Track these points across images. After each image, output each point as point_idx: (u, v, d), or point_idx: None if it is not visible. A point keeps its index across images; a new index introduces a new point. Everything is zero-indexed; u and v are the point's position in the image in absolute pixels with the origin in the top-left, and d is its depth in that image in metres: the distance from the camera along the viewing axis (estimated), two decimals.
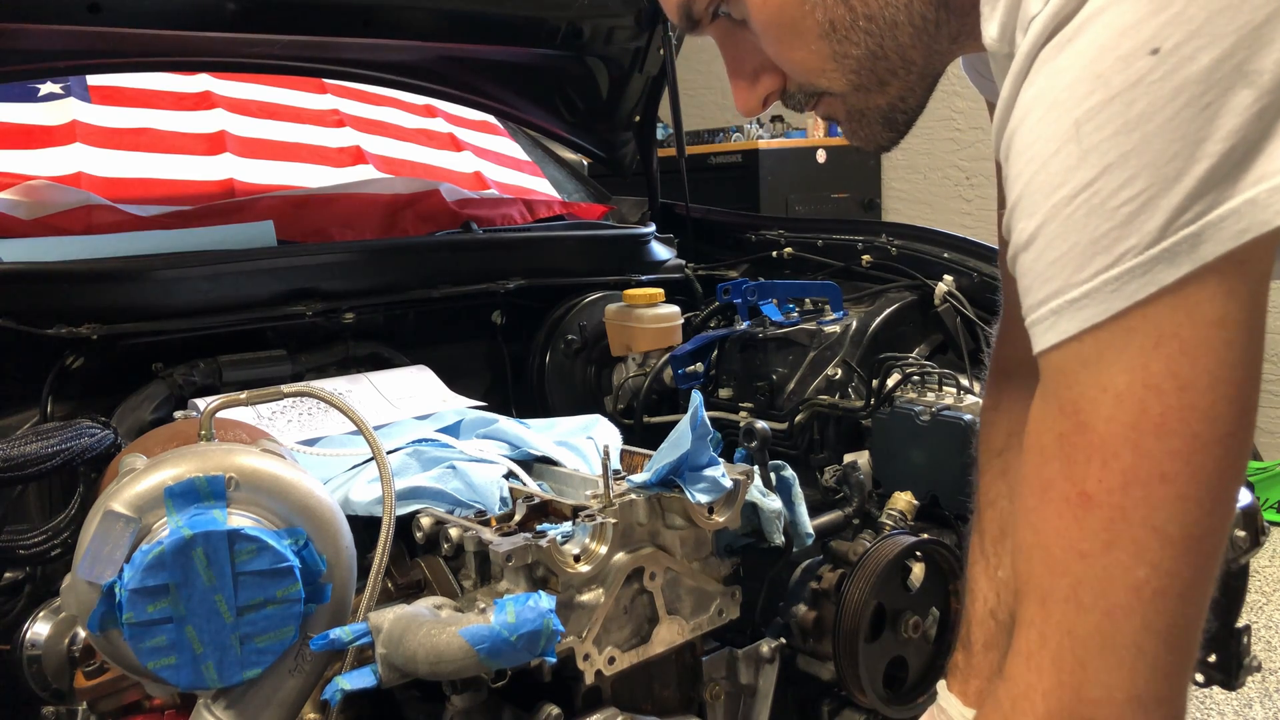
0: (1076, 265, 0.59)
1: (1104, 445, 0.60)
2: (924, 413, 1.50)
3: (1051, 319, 0.61)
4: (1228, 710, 2.86)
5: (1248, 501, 1.44)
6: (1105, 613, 0.62)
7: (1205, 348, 0.57)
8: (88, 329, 1.43)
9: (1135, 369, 0.58)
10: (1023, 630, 0.67)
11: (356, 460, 1.30)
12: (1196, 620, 0.63)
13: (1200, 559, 0.61)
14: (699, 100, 6.19)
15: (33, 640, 1.10)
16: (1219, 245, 0.55)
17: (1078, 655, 0.63)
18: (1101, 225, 0.57)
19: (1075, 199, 0.58)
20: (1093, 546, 0.62)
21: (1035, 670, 0.66)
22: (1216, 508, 0.60)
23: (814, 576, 1.34)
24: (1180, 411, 0.58)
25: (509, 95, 2.36)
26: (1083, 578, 0.62)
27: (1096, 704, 0.63)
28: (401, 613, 0.93)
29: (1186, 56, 0.54)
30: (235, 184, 2.08)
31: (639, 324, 1.87)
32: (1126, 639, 0.62)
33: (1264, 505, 4.11)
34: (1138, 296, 0.57)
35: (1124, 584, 0.61)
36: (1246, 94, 0.54)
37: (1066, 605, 0.64)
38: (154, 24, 1.76)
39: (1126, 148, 0.56)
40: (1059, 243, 0.59)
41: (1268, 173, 0.54)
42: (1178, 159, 0.55)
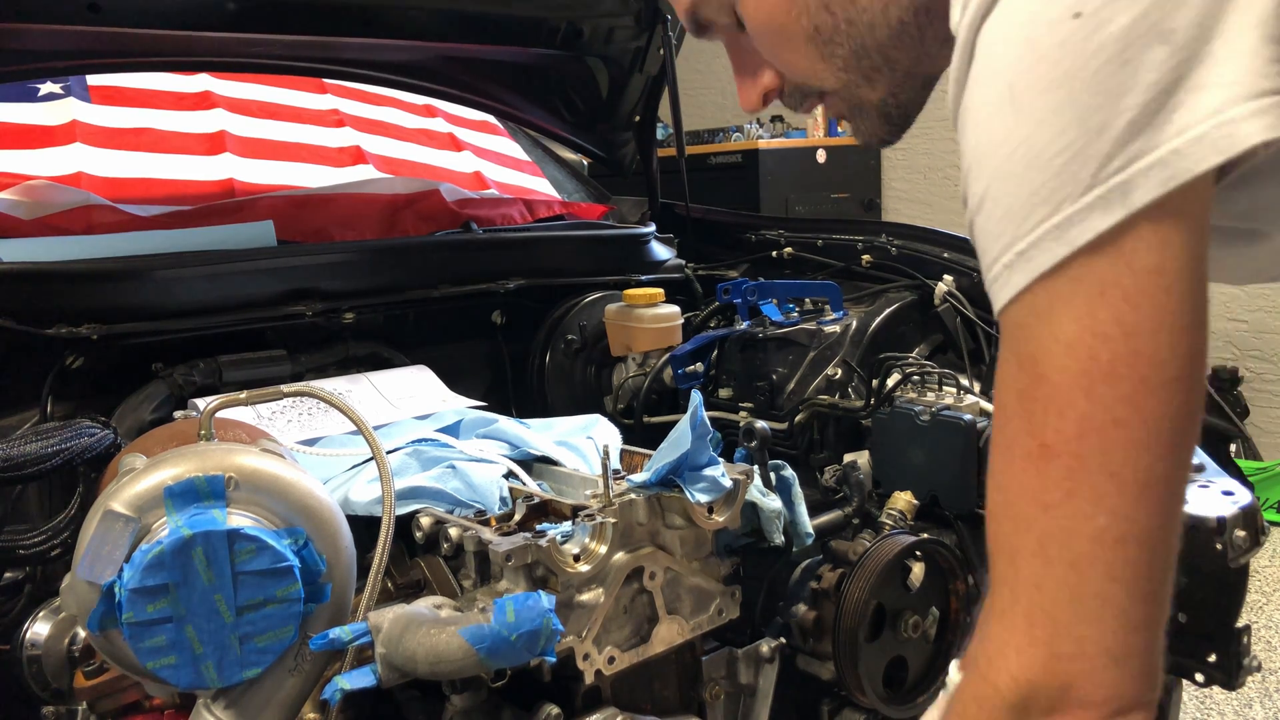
0: (1021, 218, 0.62)
1: (1059, 395, 0.62)
2: (924, 413, 1.50)
3: (1005, 274, 0.64)
4: (1228, 710, 2.86)
5: (1248, 501, 1.44)
6: (1070, 564, 0.63)
7: (1145, 295, 0.60)
8: (88, 329, 1.43)
9: (1083, 317, 0.61)
10: (995, 589, 0.68)
11: (356, 460, 1.31)
12: (1162, 571, 0.64)
13: (1158, 505, 0.62)
14: (699, 100, 6.19)
15: (33, 640, 1.10)
16: (1148, 192, 0.58)
17: (1047, 610, 0.64)
18: (1039, 177, 0.61)
19: (1014, 156, 0.62)
20: (1054, 497, 0.63)
21: (1008, 627, 0.66)
22: (1170, 453, 0.62)
23: (814, 576, 1.34)
24: (1127, 357, 0.60)
25: (509, 95, 2.36)
26: (1047, 530, 0.64)
27: (1069, 658, 0.64)
28: (401, 612, 0.93)
29: (1106, 18, 0.58)
30: (235, 184, 2.08)
31: (639, 324, 1.87)
32: (1092, 589, 0.63)
33: (1264, 505, 4.11)
34: (1079, 242, 0.60)
35: (1086, 533, 0.62)
36: (1162, 50, 0.57)
37: (1034, 560, 0.65)
38: (154, 24, 1.76)
39: (1055, 103, 0.60)
40: (1004, 199, 0.63)
41: (1189, 124, 0.57)
42: (1102, 111, 0.58)
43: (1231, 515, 1.41)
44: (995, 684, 0.67)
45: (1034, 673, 0.65)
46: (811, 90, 0.86)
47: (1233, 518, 1.41)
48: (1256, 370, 4.68)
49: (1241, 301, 4.63)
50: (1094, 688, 0.64)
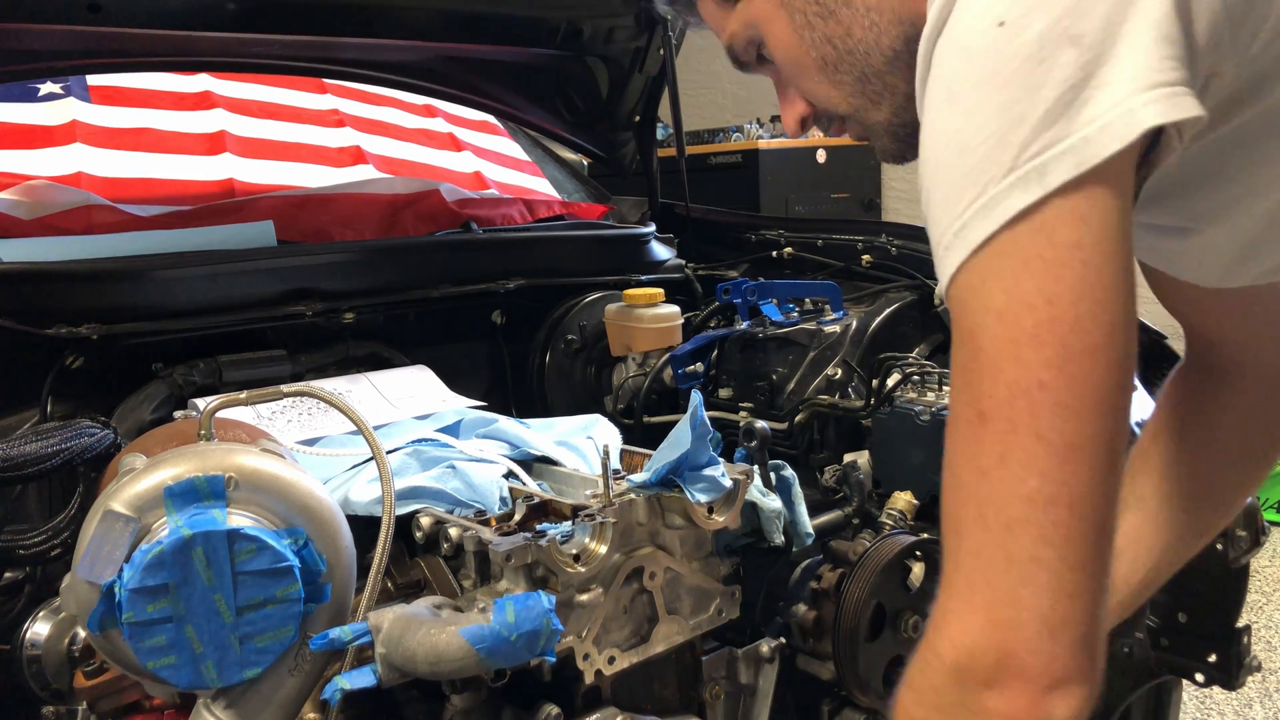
0: (955, 201, 0.68)
1: (991, 362, 0.67)
2: (924, 413, 1.50)
3: (945, 256, 0.69)
4: (1228, 710, 2.86)
5: (1248, 501, 1.44)
6: (1005, 527, 0.66)
7: (1065, 267, 0.65)
8: (88, 329, 1.43)
9: (1010, 288, 0.66)
10: (945, 560, 0.71)
11: (356, 460, 1.30)
12: (1095, 537, 0.66)
13: (1087, 468, 0.66)
14: (699, 100, 6.19)
15: (33, 640, 1.10)
16: (1062, 173, 0.64)
17: (985, 575, 0.67)
18: (968, 163, 0.67)
19: (949, 146, 0.69)
20: (989, 462, 0.67)
21: (954, 595, 0.69)
22: (1095, 417, 0.65)
23: (814, 576, 1.34)
24: (1049, 324, 0.65)
25: (509, 95, 2.36)
26: (985, 496, 0.68)
27: (1006, 625, 0.66)
28: (401, 612, 0.93)
29: (1025, 25, 0.65)
30: (235, 184, 2.08)
31: (639, 324, 1.87)
32: (1025, 552, 0.66)
33: (1264, 505, 4.11)
34: (1002, 219, 0.65)
35: (1018, 496, 0.66)
36: (1072, 51, 0.64)
37: (974, 527, 0.68)
38: (154, 24, 1.76)
39: (981, 98, 0.67)
40: (943, 185, 0.69)
41: (1096, 115, 0.64)
42: (1021, 104, 0.65)
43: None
44: (937, 650, 0.70)
45: (972, 639, 0.67)
46: (834, 115, 0.95)
47: (1233, 518, 1.41)
48: None
49: None
50: (1030, 657, 0.65)
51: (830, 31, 0.87)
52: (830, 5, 0.87)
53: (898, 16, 0.85)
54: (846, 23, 0.86)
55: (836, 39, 0.87)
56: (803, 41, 0.89)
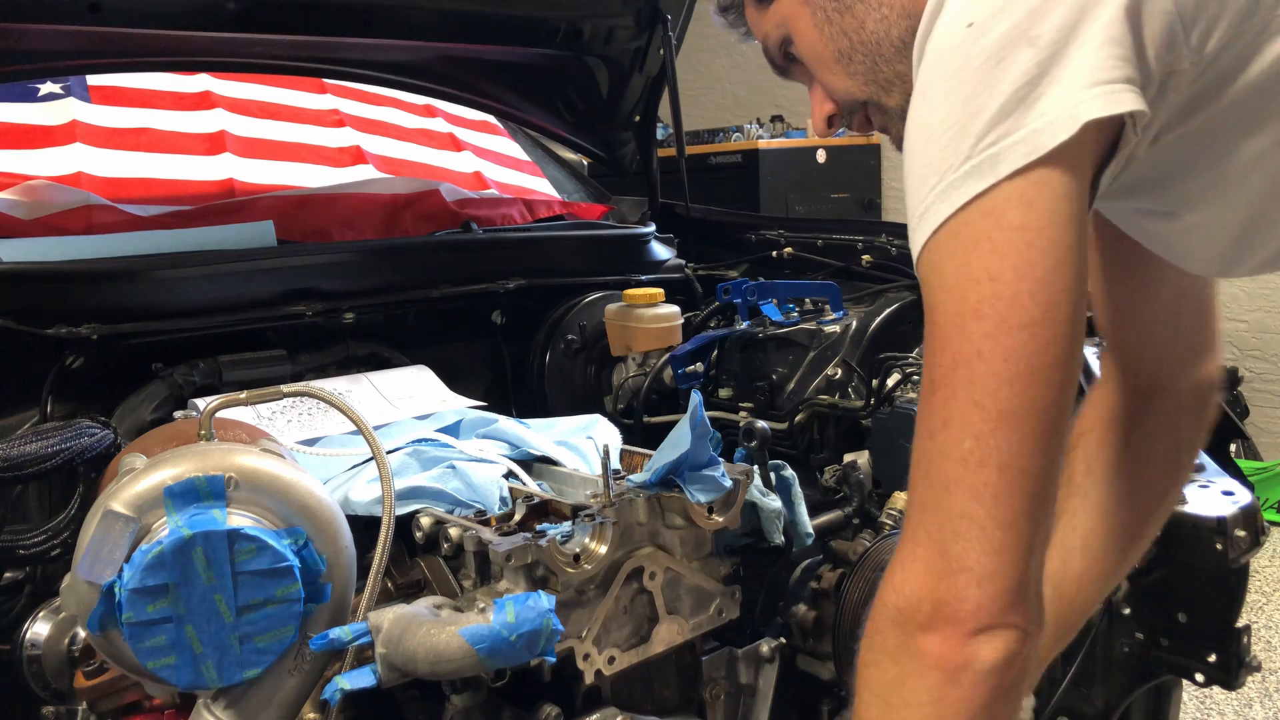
0: (921, 186, 0.74)
1: (942, 334, 0.73)
2: None
3: (912, 236, 0.75)
4: (1228, 710, 2.86)
5: (1248, 501, 1.44)
6: (943, 485, 0.73)
7: (1010, 247, 0.71)
8: (88, 329, 1.43)
9: (960, 266, 0.72)
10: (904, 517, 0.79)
11: (356, 460, 1.30)
12: (1021, 499, 0.72)
13: (1017, 434, 0.71)
14: (699, 100, 6.19)
15: (33, 640, 1.10)
16: (1012, 163, 0.70)
17: (926, 529, 0.74)
18: (932, 151, 0.74)
19: (918, 137, 0.76)
20: (935, 425, 0.74)
21: (903, 546, 0.77)
22: (1026, 387, 0.71)
23: (814, 576, 1.34)
24: (990, 300, 0.71)
25: (509, 95, 2.36)
26: (929, 456, 0.74)
27: (938, 574, 0.73)
28: (401, 612, 0.93)
29: (989, 27, 0.72)
30: (235, 184, 2.08)
31: (639, 324, 1.87)
32: (957, 509, 0.72)
33: (1264, 505, 4.11)
34: (957, 204, 0.71)
35: (955, 456, 0.72)
36: (1029, 51, 0.70)
37: (921, 484, 0.75)
38: (154, 24, 1.76)
39: (946, 91, 0.74)
40: (914, 172, 0.75)
41: (1046, 109, 0.70)
42: (979, 97, 0.71)
43: (1231, 515, 1.41)
44: (884, 597, 0.78)
45: (911, 586, 0.75)
46: (855, 106, 1.01)
47: (1233, 518, 1.41)
48: (1256, 370, 4.68)
49: (1241, 302, 4.63)
50: (958, 605, 0.72)
51: (846, 25, 0.95)
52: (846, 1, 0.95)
53: (905, 11, 0.92)
54: (860, 16, 0.94)
55: (851, 31, 0.95)
56: (822, 35, 0.97)
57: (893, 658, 0.76)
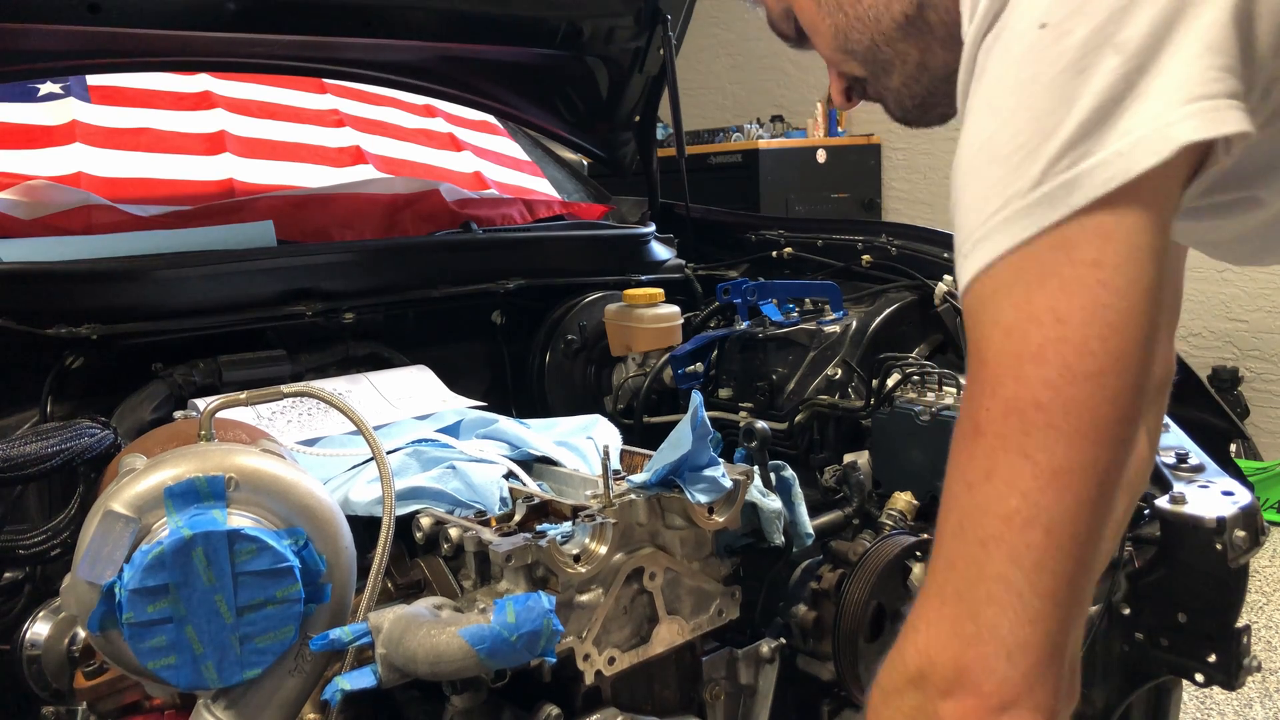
0: (979, 209, 0.66)
1: (993, 376, 0.65)
2: (924, 413, 1.50)
3: (962, 264, 0.68)
4: (1228, 710, 2.86)
5: (1248, 501, 1.44)
6: (979, 543, 0.65)
7: (1081, 286, 0.62)
8: (88, 329, 1.43)
9: (1021, 304, 0.64)
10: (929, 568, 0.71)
11: (356, 460, 1.30)
12: (1070, 567, 0.64)
13: (1070, 496, 0.63)
14: (699, 100, 6.19)
15: (33, 640, 1.10)
16: (1091, 191, 0.62)
17: (955, 587, 0.67)
18: (996, 172, 0.65)
19: (980, 153, 0.67)
20: (976, 476, 0.66)
21: (926, 602, 0.69)
22: (1087, 445, 0.63)
23: (814, 576, 1.34)
24: (1055, 343, 0.63)
25: (509, 95, 2.36)
26: (966, 509, 0.67)
27: (965, 640, 0.66)
28: (401, 613, 0.93)
29: (1067, 29, 0.63)
30: (235, 184, 2.08)
31: (639, 324, 1.87)
32: (995, 570, 0.64)
33: (1264, 505, 4.11)
34: (1022, 236, 0.63)
35: (997, 513, 0.65)
36: (1114, 59, 0.62)
37: (953, 539, 0.68)
38: (154, 24, 1.76)
39: (1016, 105, 0.65)
40: (971, 192, 0.67)
41: (1132, 128, 0.61)
42: (1055, 113, 0.63)
43: (1231, 515, 1.41)
44: (904, 654, 0.70)
45: (935, 649, 0.67)
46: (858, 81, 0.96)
47: (1233, 518, 1.41)
48: (1256, 370, 4.68)
49: (1241, 302, 4.63)
50: (984, 675, 0.65)
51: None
52: None
53: None
54: None
55: (847, 5, 0.89)
56: (820, 8, 0.91)
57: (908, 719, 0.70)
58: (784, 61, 5.84)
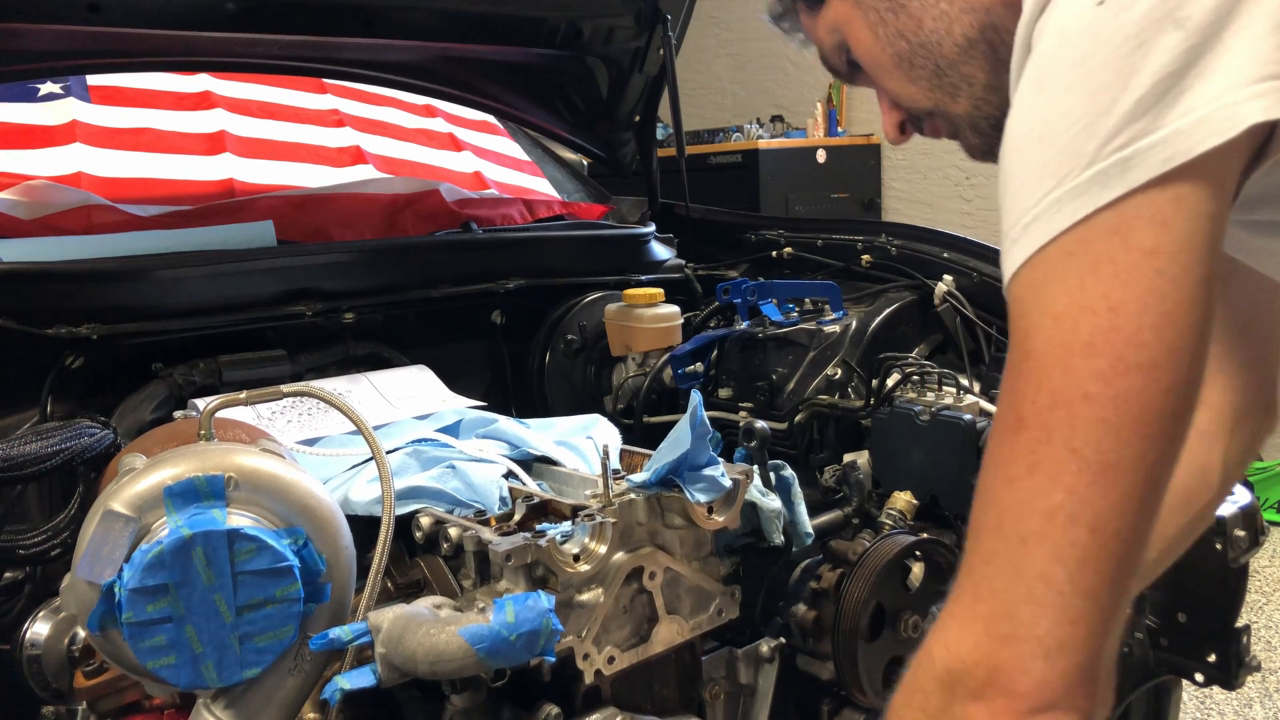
0: (1029, 192, 0.63)
1: (1039, 367, 0.63)
2: (924, 413, 1.50)
3: (1010, 249, 0.65)
4: (1228, 710, 2.86)
5: (1247, 501, 1.44)
6: (1020, 539, 0.63)
7: (1136, 273, 0.60)
8: (88, 329, 1.43)
9: (1072, 291, 0.61)
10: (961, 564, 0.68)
11: (356, 460, 1.30)
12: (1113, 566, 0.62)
13: (1117, 492, 0.61)
14: (699, 100, 6.19)
15: (33, 640, 1.10)
16: (1147, 170, 0.59)
17: (992, 585, 0.64)
18: (1048, 151, 0.63)
19: (1031, 133, 0.64)
20: (1018, 470, 0.63)
21: (959, 600, 0.67)
22: (1137, 439, 0.61)
23: (814, 576, 1.34)
24: (1107, 333, 0.60)
25: (509, 95, 2.36)
26: (1006, 504, 0.64)
27: (1001, 639, 0.63)
28: (401, 612, 0.93)
29: (1126, 5, 0.60)
30: (235, 184, 2.08)
31: (639, 324, 1.87)
32: (1034, 568, 0.62)
33: (1264, 505, 4.11)
34: (1075, 217, 0.61)
35: (1040, 508, 0.62)
36: (1176, 35, 0.59)
37: (991, 534, 0.65)
38: (154, 24, 1.76)
39: (1071, 82, 0.62)
40: (1020, 174, 0.65)
41: (1194, 106, 0.59)
42: (1111, 89, 0.60)
43: (1231, 515, 1.41)
44: (933, 653, 0.68)
45: (966, 647, 0.65)
46: (921, 112, 0.93)
47: (1232, 518, 1.41)
48: None
49: None
50: (1020, 676, 0.63)
51: (902, 26, 0.87)
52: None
53: (969, 5, 0.83)
54: (917, 15, 0.86)
55: (908, 32, 0.87)
56: (878, 39, 0.89)
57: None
58: (784, 61, 5.85)
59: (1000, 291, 1.15)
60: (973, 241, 1.90)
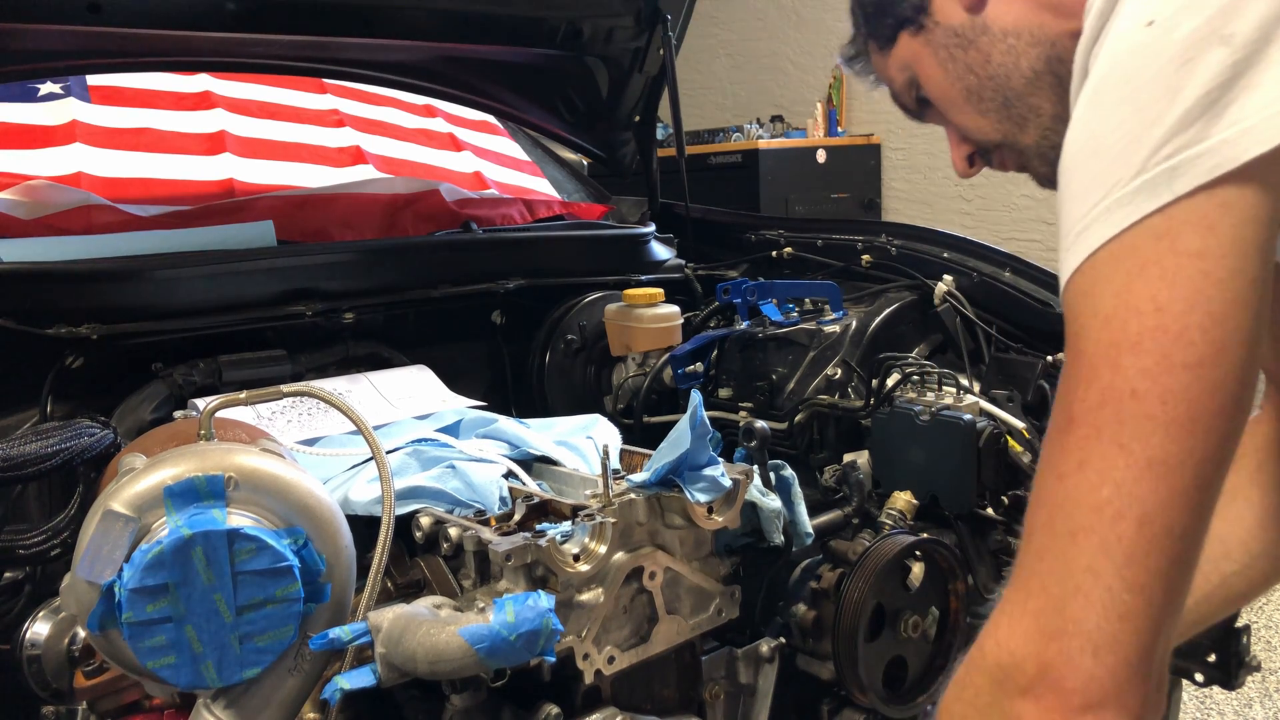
0: (1081, 202, 0.66)
1: (1089, 366, 0.65)
2: (924, 412, 1.50)
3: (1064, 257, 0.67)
4: (1228, 710, 2.86)
5: None
6: (1069, 534, 0.64)
7: (1183, 276, 0.62)
8: (88, 329, 1.43)
9: (1120, 293, 0.63)
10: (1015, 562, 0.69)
11: (356, 460, 1.31)
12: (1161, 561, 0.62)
13: (1165, 487, 0.62)
14: (699, 100, 6.19)
15: (33, 640, 1.10)
16: (1194, 178, 0.62)
17: (1042, 580, 0.65)
18: (1099, 164, 0.66)
19: (1083, 148, 0.67)
20: (1068, 467, 0.65)
21: (1011, 596, 0.68)
22: (1185, 435, 0.62)
23: (813, 576, 1.34)
24: (1154, 332, 0.62)
25: (509, 95, 2.36)
26: (1057, 500, 0.65)
27: (1050, 635, 0.64)
28: (401, 612, 0.93)
29: (1174, 25, 0.63)
30: (235, 184, 2.08)
31: (639, 324, 1.87)
32: (1084, 562, 0.63)
33: None
34: (1124, 223, 0.63)
35: (1089, 503, 0.63)
36: (1222, 51, 0.62)
37: (1042, 531, 0.66)
38: (154, 24, 1.76)
39: (1120, 98, 0.65)
40: (1073, 186, 0.67)
41: (1241, 117, 0.61)
42: (1158, 103, 0.63)
43: None
44: (984, 648, 0.69)
45: (1016, 642, 0.66)
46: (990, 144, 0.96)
47: None
48: None
49: None
50: (1068, 672, 0.63)
51: (971, 60, 0.91)
52: (969, 35, 0.90)
53: (1035, 38, 0.86)
54: (985, 50, 0.89)
55: (977, 66, 0.91)
56: (948, 74, 0.93)
57: (983, 715, 0.68)
58: (784, 61, 5.85)
59: (1000, 291, 1.16)
60: (973, 241, 1.90)
